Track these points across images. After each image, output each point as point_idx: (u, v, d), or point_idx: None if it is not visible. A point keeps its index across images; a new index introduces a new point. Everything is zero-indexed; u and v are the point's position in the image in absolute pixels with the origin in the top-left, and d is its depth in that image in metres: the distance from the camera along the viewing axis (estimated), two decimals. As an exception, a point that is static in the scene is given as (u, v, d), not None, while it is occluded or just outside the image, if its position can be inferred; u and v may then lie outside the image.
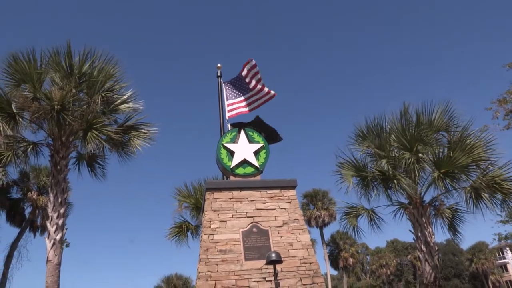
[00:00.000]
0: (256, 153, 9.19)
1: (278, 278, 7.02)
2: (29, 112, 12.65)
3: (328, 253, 41.87)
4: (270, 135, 9.94)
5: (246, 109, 10.93)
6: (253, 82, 10.94)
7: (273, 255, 6.96)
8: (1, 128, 11.97)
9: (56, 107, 12.05)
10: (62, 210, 12.77)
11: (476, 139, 12.74)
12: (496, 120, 15.49)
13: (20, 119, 12.67)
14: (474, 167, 12.83)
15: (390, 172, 13.25)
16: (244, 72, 11.12)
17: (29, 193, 21.57)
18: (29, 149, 13.79)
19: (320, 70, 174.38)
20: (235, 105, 10.97)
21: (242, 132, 9.35)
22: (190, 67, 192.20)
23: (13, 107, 12.43)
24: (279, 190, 8.85)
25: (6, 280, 21.11)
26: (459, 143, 12.65)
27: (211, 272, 7.90)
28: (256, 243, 8.24)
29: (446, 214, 14.67)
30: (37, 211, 21.98)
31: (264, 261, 7.54)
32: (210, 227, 8.25)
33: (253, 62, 11.05)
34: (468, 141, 12.69)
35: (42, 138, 13.86)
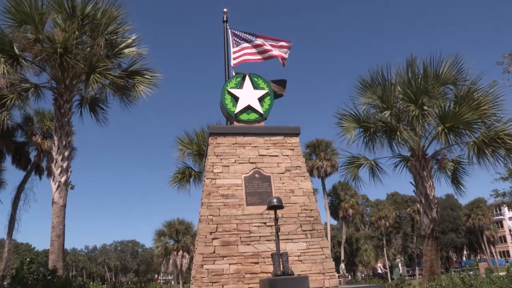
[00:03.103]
0: (261, 99, 9.09)
1: (278, 223, 7.12)
2: (32, 54, 12.49)
3: (328, 203, 42.46)
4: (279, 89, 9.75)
5: (253, 57, 10.70)
6: (268, 42, 10.71)
7: (274, 200, 7.01)
8: (4, 70, 11.86)
9: (59, 49, 11.87)
10: (66, 153, 12.88)
11: (484, 94, 12.57)
12: (506, 74, 15.22)
13: (23, 61, 12.53)
14: (480, 122, 12.74)
15: (394, 124, 13.20)
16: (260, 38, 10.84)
17: (33, 137, 21.69)
18: (31, 91, 13.73)
19: (327, 20, 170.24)
20: (240, 53, 10.76)
21: (247, 78, 9.20)
22: (195, 11, 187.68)
23: (15, 48, 12.26)
24: (283, 137, 8.82)
25: (14, 221, 21.67)
26: (466, 98, 12.49)
27: (213, 216, 8.03)
28: (258, 188, 8.32)
29: (448, 168, 14.76)
30: (42, 155, 22.20)
31: (265, 207, 7.64)
32: (212, 171, 8.30)
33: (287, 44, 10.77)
34: (476, 96, 12.52)
35: (45, 80, 13.79)
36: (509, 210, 76.66)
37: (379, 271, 29.88)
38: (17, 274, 3.85)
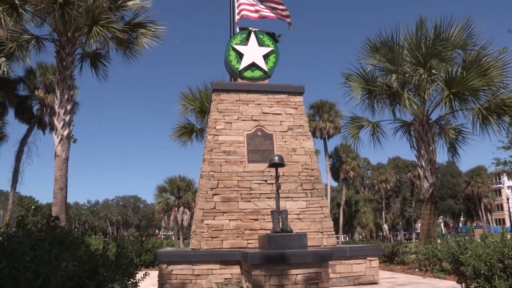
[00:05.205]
0: (266, 56, 8.94)
1: (279, 181, 7.15)
2: (32, 4, 12.21)
3: (330, 164, 42.56)
4: None
5: (256, 14, 10.44)
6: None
7: (276, 158, 7.02)
8: (3, 20, 11.63)
9: (59, 0, 11.60)
10: (68, 107, 12.83)
11: (493, 60, 12.34)
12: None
13: (23, 11, 12.25)
14: (486, 89, 12.58)
15: (399, 89, 13.05)
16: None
17: (36, 90, 21.46)
18: (32, 42, 13.49)
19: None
20: (242, 6, 10.49)
21: (253, 34, 9.02)
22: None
23: (14, -2, 11.97)
24: (286, 95, 8.73)
25: (18, 173, 21.82)
26: (475, 63, 12.27)
27: (214, 172, 8.07)
28: (260, 146, 8.32)
29: (450, 135, 14.70)
30: (44, 109, 22.07)
31: (266, 164, 7.66)
32: (215, 128, 8.28)
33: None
34: (484, 61, 12.30)
35: (46, 33, 13.55)
36: (508, 179, 77.17)
37: (419, 231, 30.67)
38: (22, 220, 3.86)
